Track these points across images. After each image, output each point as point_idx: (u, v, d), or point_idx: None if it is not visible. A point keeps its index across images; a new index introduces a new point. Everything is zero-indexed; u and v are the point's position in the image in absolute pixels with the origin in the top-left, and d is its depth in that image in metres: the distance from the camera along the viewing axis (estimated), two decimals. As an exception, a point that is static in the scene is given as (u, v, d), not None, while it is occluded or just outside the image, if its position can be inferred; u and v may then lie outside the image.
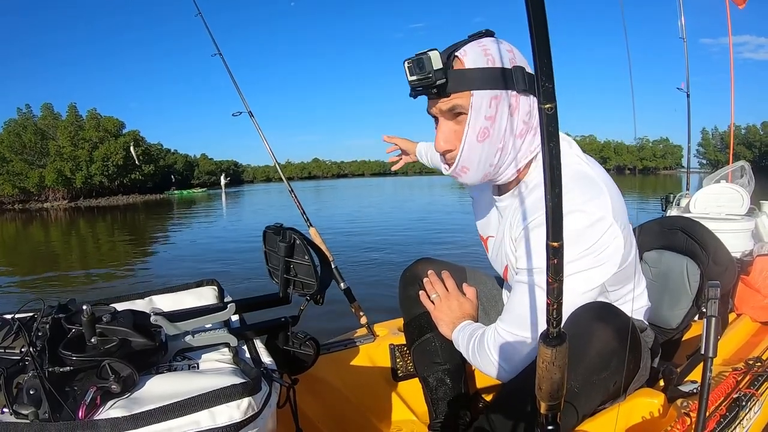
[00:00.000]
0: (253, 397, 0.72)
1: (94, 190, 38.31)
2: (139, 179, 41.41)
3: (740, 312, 1.68)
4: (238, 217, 16.35)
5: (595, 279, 0.91)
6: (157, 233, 12.63)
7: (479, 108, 0.91)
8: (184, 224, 14.64)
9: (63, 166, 35.59)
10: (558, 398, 0.66)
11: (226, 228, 12.87)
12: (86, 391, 0.68)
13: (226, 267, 6.69)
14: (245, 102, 1.97)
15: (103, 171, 37.66)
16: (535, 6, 0.48)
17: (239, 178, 78.47)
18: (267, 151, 2.02)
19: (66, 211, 26.56)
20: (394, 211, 15.58)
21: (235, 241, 9.45)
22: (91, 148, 37.45)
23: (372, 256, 7.02)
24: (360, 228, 10.64)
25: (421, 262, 1.38)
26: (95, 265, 7.90)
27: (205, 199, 29.84)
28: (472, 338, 1.07)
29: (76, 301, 0.86)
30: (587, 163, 0.99)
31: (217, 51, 1.98)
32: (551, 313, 0.60)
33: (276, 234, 1.10)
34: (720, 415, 1.01)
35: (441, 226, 10.66)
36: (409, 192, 30.17)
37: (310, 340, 1.12)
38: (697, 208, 3.13)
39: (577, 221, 0.87)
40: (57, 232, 15.07)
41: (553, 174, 0.54)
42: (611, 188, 0.95)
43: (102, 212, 23.21)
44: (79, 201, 35.32)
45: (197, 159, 64.96)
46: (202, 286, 1.15)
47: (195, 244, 10.07)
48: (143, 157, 41.62)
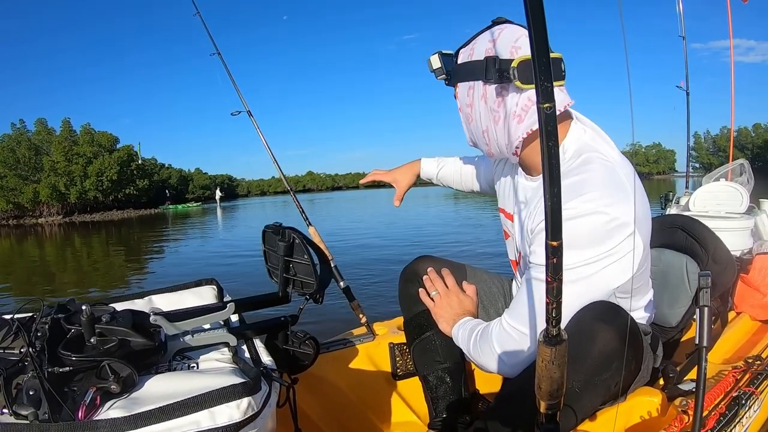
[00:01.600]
0: (252, 396, 0.72)
1: (88, 205, 37.78)
2: (134, 194, 41.05)
3: (740, 310, 1.68)
4: (232, 233, 15.86)
5: (609, 282, 0.91)
6: (152, 249, 12.36)
7: (462, 97, 1.04)
8: (180, 239, 14.45)
9: (57, 182, 35.15)
10: (557, 397, 0.66)
11: (224, 243, 12.46)
12: (86, 391, 0.68)
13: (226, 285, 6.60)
14: (244, 101, 1.97)
15: (98, 186, 37.26)
16: (534, 8, 0.48)
17: (234, 192, 78.12)
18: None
19: (60, 226, 26.26)
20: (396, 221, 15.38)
21: (232, 255, 9.22)
22: (85, 164, 36.91)
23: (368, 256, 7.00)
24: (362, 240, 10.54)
25: (421, 260, 1.38)
26: (91, 281, 7.75)
27: (200, 214, 29.39)
28: (473, 332, 1.07)
29: (75, 301, 0.86)
30: (623, 168, 0.98)
31: (215, 50, 1.98)
32: (551, 312, 0.60)
33: (275, 233, 1.10)
34: (719, 413, 1.01)
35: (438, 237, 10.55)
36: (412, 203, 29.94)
37: (310, 339, 1.12)
38: (696, 207, 3.13)
39: (598, 222, 0.88)
40: (52, 247, 14.87)
41: (551, 173, 0.54)
42: (640, 196, 0.95)
43: (97, 227, 23.00)
44: (73, 216, 34.76)
45: (192, 173, 64.58)
46: (201, 286, 1.15)
47: (190, 259, 9.86)
48: (137, 171, 41.53)
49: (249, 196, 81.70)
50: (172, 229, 18.81)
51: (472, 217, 14.78)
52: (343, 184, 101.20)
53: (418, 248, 9.01)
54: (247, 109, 1.97)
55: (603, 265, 0.89)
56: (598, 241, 0.88)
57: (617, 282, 0.92)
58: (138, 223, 24.31)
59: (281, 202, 45.23)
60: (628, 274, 0.92)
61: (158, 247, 12.23)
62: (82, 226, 24.55)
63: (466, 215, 15.90)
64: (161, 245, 12.64)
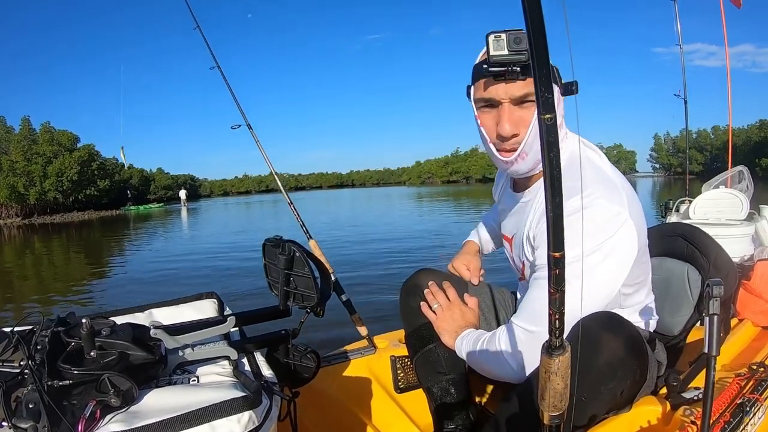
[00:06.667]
0: (253, 410, 0.72)
1: (48, 206, 36.16)
2: (95, 195, 39.91)
3: (742, 317, 1.68)
4: (205, 238, 14.37)
5: (612, 274, 0.95)
6: (113, 252, 11.86)
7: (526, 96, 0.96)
8: (141, 242, 13.98)
9: (16, 182, 33.72)
10: (561, 408, 0.66)
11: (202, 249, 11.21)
12: (85, 404, 0.68)
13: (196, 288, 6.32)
14: (244, 115, 1.98)
15: (58, 187, 35.92)
16: (533, 15, 0.48)
17: (196, 192, 76.84)
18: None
19: (20, 228, 25.33)
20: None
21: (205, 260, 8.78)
22: (45, 163, 35.78)
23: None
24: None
25: (422, 273, 1.38)
26: (52, 287, 7.41)
27: (163, 215, 28.36)
28: (479, 341, 1.07)
29: (75, 314, 0.86)
30: (612, 171, 1.05)
31: (215, 64, 1.99)
32: (554, 323, 0.60)
33: (275, 247, 1.10)
34: (724, 421, 1.00)
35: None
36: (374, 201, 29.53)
37: (311, 353, 1.12)
38: (696, 214, 3.14)
39: (595, 214, 0.92)
40: (11, 251, 14.21)
41: (553, 183, 0.54)
42: (629, 192, 1.01)
43: (57, 229, 22.23)
44: (33, 218, 33.29)
45: (154, 174, 62.89)
46: (201, 299, 1.15)
47: (153, 263, 9.23)
48: (98, 172, 40.38)
49: (212, 196, 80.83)
50: (133, 232, 18.16)
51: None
52: (306, 185, 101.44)
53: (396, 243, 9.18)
54: (247, 123, 1.98)
55: (603, 254, 0.92)
56: (596, 232, 0.92)
57: (619, 272, 0.95)
58: (99, 225, 23.69)
59: (244, 202, 44.62)
60: (628, 266, 0.96)
61: (118, 254, 11.47)
62: (41, 228, 23.73)
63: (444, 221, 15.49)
64: (122, 252, 11.87)
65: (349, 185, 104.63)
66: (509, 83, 0.95)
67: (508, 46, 0.87)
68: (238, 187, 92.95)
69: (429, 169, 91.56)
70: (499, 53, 0.88)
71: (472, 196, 29.07)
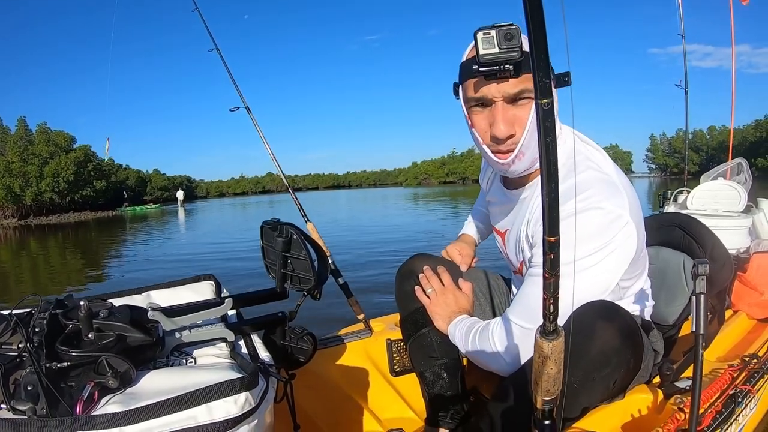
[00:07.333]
0: (250, 392, 0.72)
1: (44, 207, 36.17)
2: (91, 196, 39.90)
3: (737, 309, 1.69)
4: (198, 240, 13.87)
5: (611, 274, 0.94)
6: (109, 252, 11.64)
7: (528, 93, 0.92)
8: (140, 242, 13.74)
9: (12, 183, 33.71)
10: (554, 394, 0.66)
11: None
12: (83, 386, 0.68)
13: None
14: (242, 97, 1.97)
15: (54, 187, 35.91)
16: (532, 3, 0.48)
17: (193, 193, 76.66)
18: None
19: (16, 229, 25.14)
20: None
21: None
22: (41, 164, 35.76)
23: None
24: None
25: (417, 258, 1.38)
26: (49, 288, 7.19)
27: (159, 216, 27.96)
28: (471, 330, 1.07)
29: (73, 296, 0.86)
30: (614, 171, 1.02)
31: (214, 46, 1.97)
32: (548, 307, 0.60)
33: (273, 229, 1.09)
34: (716, 411, 1.01)
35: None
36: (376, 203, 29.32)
37: (308, 335, 1.12)
38: (694, 205, 3.14)
39: (595, 217, 0.91)
40: (7, 252, 13.91)
41: (549, 169, 0.54)
42: (630, 192, 0.99)
43: (53, 230, 22.03)
44: (29, 219, 32.85)
45: (150, 174, 62.80)
46: (199, 281, 1.15)
47: (153, 263, 9.10)
48: (95, 173, 40.63)
49: (208, 197, 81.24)
50: (130, 230, 18.08)
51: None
52: (302, 186, 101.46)
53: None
54: (245, 105, 1.97)
55: (603, 255, 0.91)
56: (597, 235, 0.91)
57: (618, 271, 0.95)
58: (95, 226, 23.55)
59: (240, 203, 44.14)
60: (626, 264, 0.96)
61: (115, 255, 11.20)
62: (38, 229, 23.60)
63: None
64: (119, 253, 11.58)
65: (346, 186, 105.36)
66: (501, 80, 0.91)
67: (498, 43, 0.82)
68: (235, 188, 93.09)
69: (425, 170, 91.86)
70: (489, 51, 0.83)
71: (468, 196, 28.88)
